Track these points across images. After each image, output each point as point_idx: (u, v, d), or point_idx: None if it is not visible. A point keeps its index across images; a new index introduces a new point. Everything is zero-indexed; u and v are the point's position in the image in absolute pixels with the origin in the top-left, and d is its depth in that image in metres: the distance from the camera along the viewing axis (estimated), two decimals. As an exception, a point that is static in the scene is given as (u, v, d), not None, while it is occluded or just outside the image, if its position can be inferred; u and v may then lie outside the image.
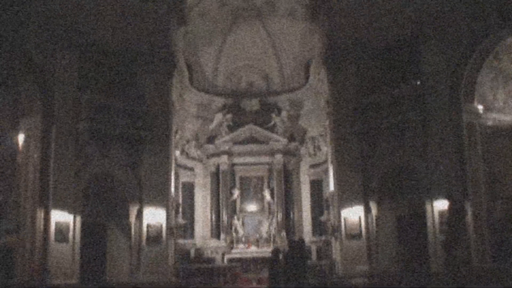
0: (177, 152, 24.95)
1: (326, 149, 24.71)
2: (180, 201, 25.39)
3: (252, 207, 27.45)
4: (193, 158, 27.27)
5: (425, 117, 18.91)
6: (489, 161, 17.98)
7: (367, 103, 20.53)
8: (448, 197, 15.22)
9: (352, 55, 21.17)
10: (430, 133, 18.74)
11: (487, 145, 18.08)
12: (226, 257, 25.34)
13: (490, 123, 18.34)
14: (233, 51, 28.21)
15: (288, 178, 27.31)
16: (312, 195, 27.11)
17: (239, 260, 24.73)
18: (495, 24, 17.07)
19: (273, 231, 26.28)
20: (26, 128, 17.99)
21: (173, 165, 22.66)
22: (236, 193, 27.17)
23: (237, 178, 27.50)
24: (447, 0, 18.39)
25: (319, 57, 23.44)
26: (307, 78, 27.21)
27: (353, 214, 20.40)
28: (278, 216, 26.51)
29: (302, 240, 14.64)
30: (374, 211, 20.24)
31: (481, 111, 18.17)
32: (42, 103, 18.05)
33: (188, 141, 26.96)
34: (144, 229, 20.32)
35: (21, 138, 17.79)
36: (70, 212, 18.17)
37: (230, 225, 26.49)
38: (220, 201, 26.82)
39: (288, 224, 26.63)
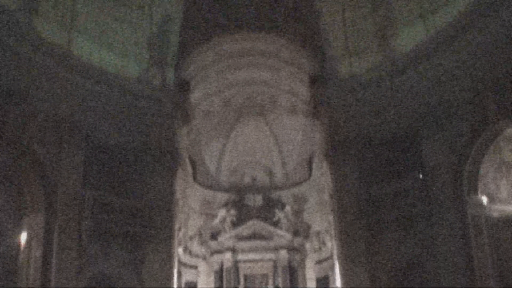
0: (180, 250, 24.62)
1: (331, 244, 24.36)
2: (183, 301, 24.80)
3: (257, 306, 26.77)
4: (197, 256, 26.91)
5: (430, 210, 18.80)
6: (497, 253, 17.65)
7: (370, 196, 20.49)
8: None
9: (354, 149, 21.33)
10: (436, 226, 18.55)
11: (494, 237, 17.82)
12: None
13: (495, 214, 18.15)
14: (237, 147, 28.60)
15: (293, 275, 26.80)
16: (318, 292, 26.50)
17: None
18: (494, 115, 17.30)
19: (279, 332, 25.52)
20: (29, 226, 17.85)
21: (176, 264, 22.30)
22: (241, 292, 26.59)
23: (241, 276, 27.00)
24: (445, 93, 18.77)
25: (321, 152, 23.66)
26: (310, 172, 27.37)
27: (362, 312, 19.81)
28: (284, 315, 25.81)
29: None
30: (383, 308, 19.67)
31: (485, 203, 18.05)
32: (45, 201, 17.97)
33: (191, 238, 26.69)
34: (146, 330, 19.71)
35: (23, 236, 17.65)
36: (70, 313, 17.70)
37: (234, 326, 25.75)
38: (224, 301, 26.20)
39: (295, 324, 25.86)
